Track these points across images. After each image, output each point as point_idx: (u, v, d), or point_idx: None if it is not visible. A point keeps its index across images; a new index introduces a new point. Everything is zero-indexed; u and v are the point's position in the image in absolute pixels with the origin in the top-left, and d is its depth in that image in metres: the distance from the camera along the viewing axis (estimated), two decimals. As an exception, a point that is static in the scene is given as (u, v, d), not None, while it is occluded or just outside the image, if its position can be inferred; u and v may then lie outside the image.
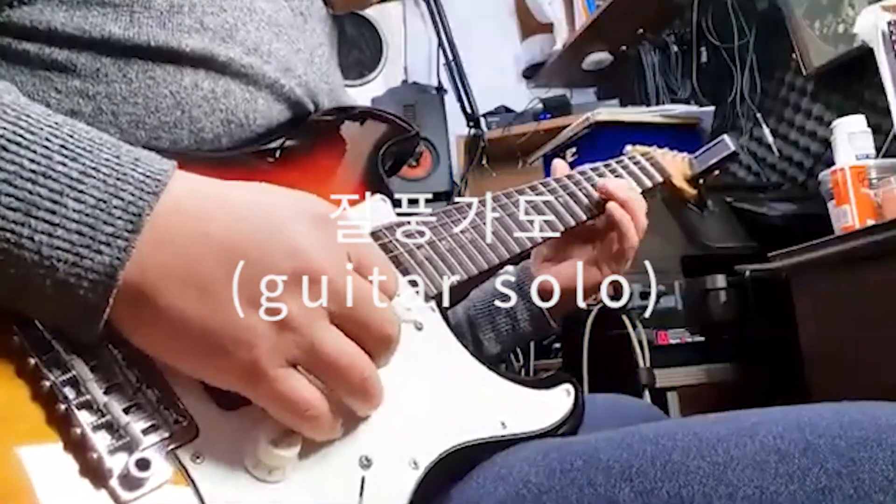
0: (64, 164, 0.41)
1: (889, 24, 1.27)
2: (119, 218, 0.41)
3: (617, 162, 0.91)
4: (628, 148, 0.99)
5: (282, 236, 0.44)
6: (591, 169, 0.87)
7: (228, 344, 0.42)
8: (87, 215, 0.40)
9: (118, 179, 0.41)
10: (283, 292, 0.42)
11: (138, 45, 0.56)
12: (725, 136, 1.00)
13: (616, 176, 0.89)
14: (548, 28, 2.69)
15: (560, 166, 0.86)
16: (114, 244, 0.40)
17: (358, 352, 0.45)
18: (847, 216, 1.28)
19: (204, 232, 0.42)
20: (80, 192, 0.40)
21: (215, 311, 0.41)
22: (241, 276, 0.42)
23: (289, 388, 0.43)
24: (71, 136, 0.42)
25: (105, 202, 0.41)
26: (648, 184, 0.92)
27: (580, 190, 0.83)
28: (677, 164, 1.00)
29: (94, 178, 0.41)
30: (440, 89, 2.59)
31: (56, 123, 0.42)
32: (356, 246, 0.47)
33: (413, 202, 0.68)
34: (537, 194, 0.78)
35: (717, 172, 1.04)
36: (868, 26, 1.30)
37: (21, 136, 0.41)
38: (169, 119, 0.57)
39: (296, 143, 0.64)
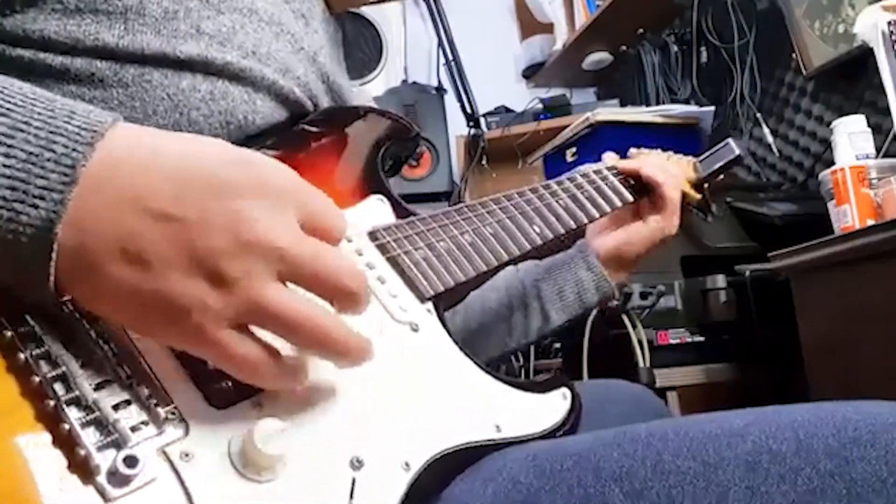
0: None
1: (889, 24, 1.27)
2: (52, 171, 0.40)
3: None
4: (633, 151, 0.98)
5: (225, 201, 0.42)
6: (595, 172, 0.86)
7: (170, 311, 0.41)
8: (18, 170, 0.39)
9: (51, 132, 0.40)
10: (225, 258, 0.41)
11: (133, 53, 0.56)
12: (730, 140, 0.99)
13: (622, 180, 0.89)
14: (548, 28, 2.68)
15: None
16: (48, 197, 0.39)
17: (308, 305, 0.44)
18: (847, 216, 1.27)
19: (139, 194, 0.41)
20: (10, 146, 0.39)
21: (155, 282, 0.41)
22: (180, 242, 0.41)
23: (234, 350, 0.42)
24: (1, 93, 0.41)
25: (37, 156, 0.40)
26: None
27: (582, 193, 0.82)
28: (682, 168, 0.99)
29: (25, 132, 0.40)
30: (440, 89, 2.59)
31: None
32: (304, 206, 0.45)
33: (412, 202, 0.68)
34: (537, 196, 0.78)
35: (721, 177, 1.02)
36: (868, 26, 1.30)
37: None
38: (167, 122, 0.57)
39: (293, 142, 0.64)
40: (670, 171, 0.92)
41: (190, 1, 0.59)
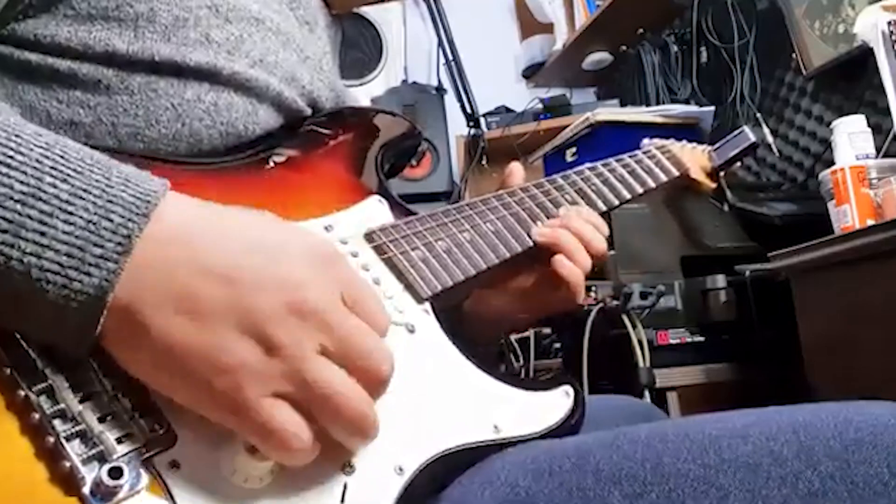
0: (54, 186, 0.40)
1: (889, 24, 1.26)
2: (109, 240, 0.40)
3: (631, 156, 0.90)
4: (645, 141, 0.97)
5: (278, 266, 0.43)
6: (603, 164, 0.85)
7: (214, 368, 0.41)
8: (76, 237, 0.40)
9: (108, 201, 0.41)
10: (275, 321, 0.41)
11: (142, 60, 0.56)
12: (745, 127, 1.00)
13: (630, 172, 0.87)
14: (548, 28, 2.68)
15: (516, 169, 0.80)
16: (103, 266, 0.40)
17: (355, 387, 0.43)
18: (847, 216, 1.27)
19: (196, 256, 0.42)
20: (70, 213, 0.40)
21: (203, 334, 0.41)
22: (233, 301, 0.41)
23: (274, 419, 0.41)
24: (62, 157, 0.42)
25: (95, 224, 0.40)
26: (664, 178, 0.91)
27: (589, 186, 0.81)
28: (696, 157, 0.99)
29: (84, 199, 0.41)
30: (440, 89, 2.59)
31: (47, 144, 0.42)
32: (350, 285, 0.46)
33: (412, 202, 0.67)
34: (542, 191, 0.77)
35: (738, 164, 1.03)
36: (868, 26, 1.30)
37: (11, 157, 0.40)
38: (168, 131, 0.57)
39: (293, 147, 0.64)
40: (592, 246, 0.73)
41: (199, 10, 0.59)
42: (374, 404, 0.45)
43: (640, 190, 0.86)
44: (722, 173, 1.01)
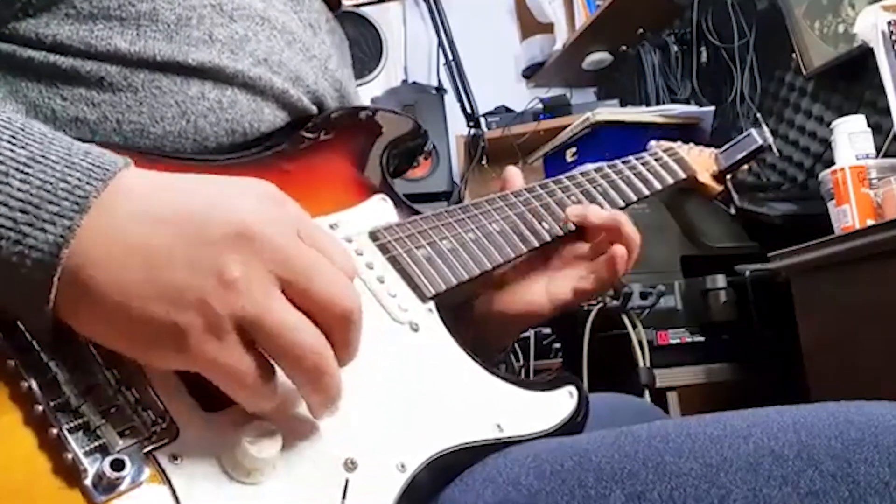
0: (12, 150, 0.41)
1: (889, 24, 1.27)
2: (65, 199, 0.40)
3: (637, 158, 0.89)
4: (652, 143, 0.97)
5: (229, 205, 0.43)
6: (609, 166, 0.85)
7: (169, 305, 0.40)
8: (32, 195, 0.40)
9: (67, 166, 0.41)
10: (228, 255, 0.41)
11: (144, 59, 0.56)
12: (753, 130, 1.00)
13: (636, 174, 0.87)
14: (548, 28, 2.68)
15: (514, 174, 0.79)
16: (58, 223, 0.40)
17: (311, 328, 0.43)
18: (847, 216, 1.27)
19: (145, 210, 0.42)
20: (27, 174, 0.40)
21: (154, 273, 0.41)
22: (183, 240, 0.41)
23: (224, 356, 0.41)
24: (22, 129, 0.42)
25: (52, 184, 0.40)
26: (670, 181, 0.90)
27: (595, 187, 0.81)
28: (703, 160, 0.99)
29: (42, 163, 0.41)
30: (440, 89, 2.59)
31: (8, 119, 0.43)
32: (305, 223, 0.45)
33: (412, 202, 0.67)
34: (547, 192, 0.77)
35: (745, 167, 1.03)
36: (868, 26, 1.30)
37: None
38: (173, 129, 0.57)
39: (298, 145, 0.64)
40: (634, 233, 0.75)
41: (203, 8, 0.59)
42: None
43: (645, 192, 0.86)
44: (729, 176, 1.01)
